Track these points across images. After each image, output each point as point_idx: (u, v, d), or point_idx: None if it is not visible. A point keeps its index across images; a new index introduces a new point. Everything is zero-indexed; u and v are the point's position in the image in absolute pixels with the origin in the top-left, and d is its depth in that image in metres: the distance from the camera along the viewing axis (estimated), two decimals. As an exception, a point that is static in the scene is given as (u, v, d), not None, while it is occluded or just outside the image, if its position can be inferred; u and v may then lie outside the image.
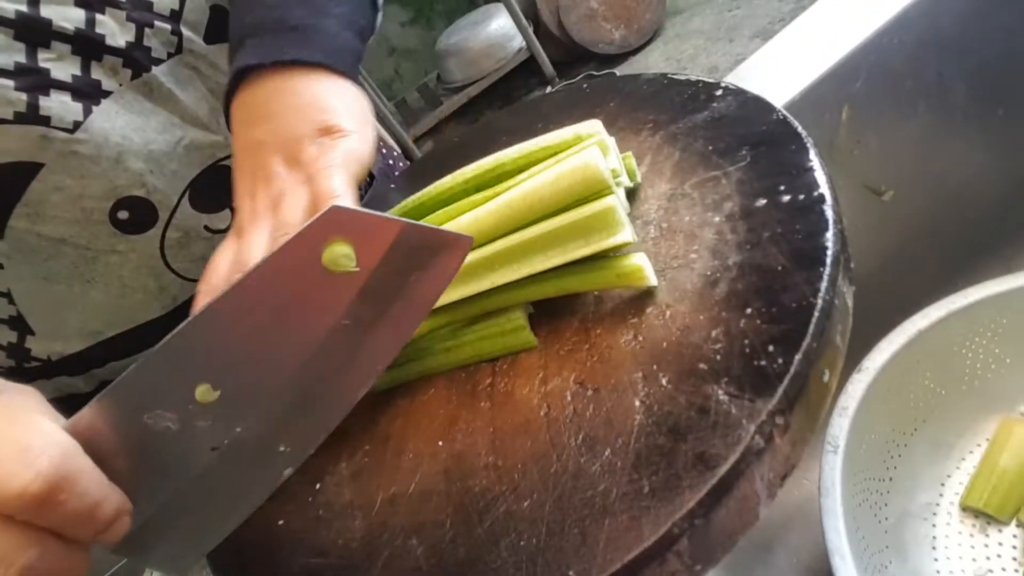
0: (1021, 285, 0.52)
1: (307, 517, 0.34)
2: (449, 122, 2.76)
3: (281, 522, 0.35)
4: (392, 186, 0.61)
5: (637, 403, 0.28)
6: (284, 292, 0.26)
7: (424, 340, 0.36)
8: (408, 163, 0.79)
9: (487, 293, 0.34)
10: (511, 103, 2.65)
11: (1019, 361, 0.54)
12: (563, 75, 2.58)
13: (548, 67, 2.56)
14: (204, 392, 0.26)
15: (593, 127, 0.37)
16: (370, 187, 0.69)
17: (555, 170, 0.33)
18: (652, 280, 0.31)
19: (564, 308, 0.34)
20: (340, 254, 0.26)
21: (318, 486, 0.35)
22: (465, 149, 0.55)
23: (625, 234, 0.31)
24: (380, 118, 2.19)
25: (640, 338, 0.30)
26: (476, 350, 0.35)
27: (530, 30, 2.49)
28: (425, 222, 0.38)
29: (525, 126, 0.50)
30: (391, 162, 0.78)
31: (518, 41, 2.59)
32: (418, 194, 0.41)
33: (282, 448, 0.28)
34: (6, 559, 0.22)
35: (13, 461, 0.22)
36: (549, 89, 2.46)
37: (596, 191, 0.32)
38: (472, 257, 0.34)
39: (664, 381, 0.28)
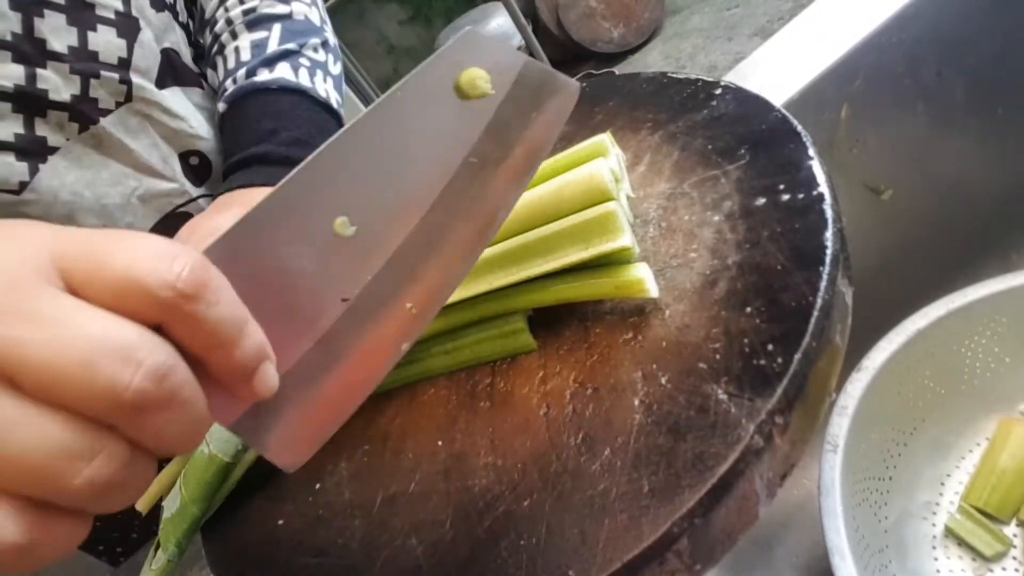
0: (1020, 284, 0.52)
1: (307, 517, 0.34)
2: (448, 121, 2.75)
3: (281, 522, 0.35)
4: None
5: (636, 402, 0.28)
6: (418, 118, 0.26)
7: (424, 343, 0.36)
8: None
9: (486, 297, 0.34)
10: (510, 102, 2.64)
11: (1018, 360, 0.54)
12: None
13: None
14: (342, 225, 0.24)
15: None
16: None
17: (560, 180, 0.33)
18: (653, 292, 0.31)
19: (563, 308, 0.34)
20: (477, 76, 0.26)
21: (318, 486, 0.35)
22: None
23: (625, 239, 0.31)
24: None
25: (639, 337, 0.30)
26: (475, 352, 0.35)
27: (528, 29, 2.49)
28: None
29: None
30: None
31: (517, 40, 2.59)
32: None
33: (409, 305, 0.26)
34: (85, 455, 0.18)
35: (157, 258, 0.19)
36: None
37: (599, 201, 0.32)
38: (495, 250, 0.34)
39: (663, 380, 0.28)
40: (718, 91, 0.39)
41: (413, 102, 0.26)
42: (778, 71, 0.56)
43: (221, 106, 0.53)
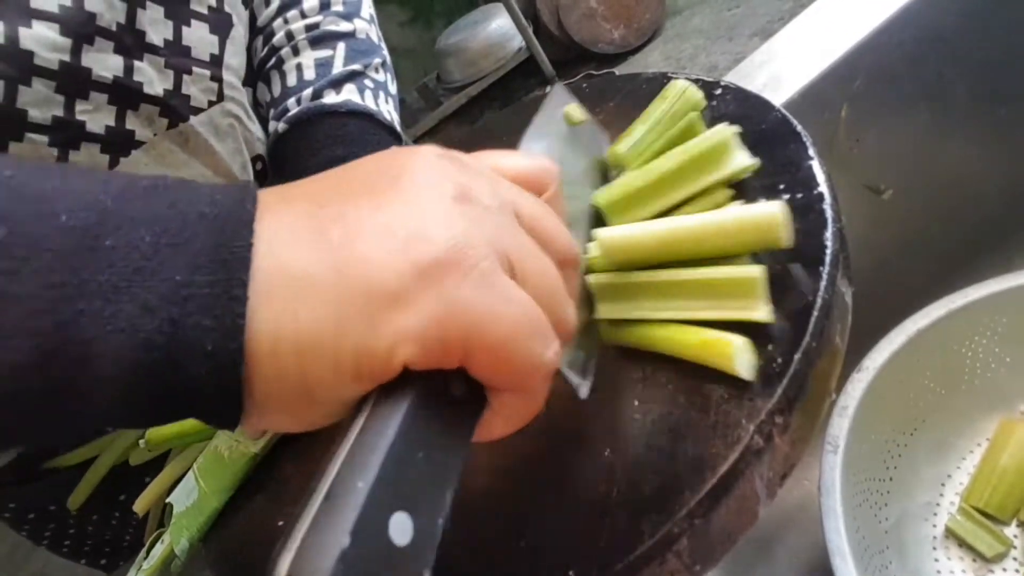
0: (1021, 284, 0.51)
1: (306, 517, 0.34)
2: (449, 122, 2.75)
3: (281, 523, 0.35)
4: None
5: (636, 402, 0.28)
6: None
7: None
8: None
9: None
10: (511, 103, 2.64)
11: (1019, 360, 0.54)
12: (563, 75, 2.57)
13: (548, 67, 2.55)
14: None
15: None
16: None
17: (734, 211, 0.29)
18: (744, 372, 0.26)
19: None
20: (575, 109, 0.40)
21: (317, 486, 0.35)
22: (465, 150, 0.55)
23: (760, 312, 0.27)
24: (379, 118, 2.19)
25: (639, 337, 0.30)
26: None
27: (529, 30, 2.49)
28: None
29: (525, 126, 0.50)
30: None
31: (517, 41, 2.59)
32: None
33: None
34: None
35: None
36: (548, 89, 2.46)
37: (766, 245, 0.28)
38: (611, 278, 0.31)
39: (663, 380, 0.28)
40: (718, 91, 0.40)
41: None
42: (778, 71, 0.56)
43: (281, 126, 0.51)
